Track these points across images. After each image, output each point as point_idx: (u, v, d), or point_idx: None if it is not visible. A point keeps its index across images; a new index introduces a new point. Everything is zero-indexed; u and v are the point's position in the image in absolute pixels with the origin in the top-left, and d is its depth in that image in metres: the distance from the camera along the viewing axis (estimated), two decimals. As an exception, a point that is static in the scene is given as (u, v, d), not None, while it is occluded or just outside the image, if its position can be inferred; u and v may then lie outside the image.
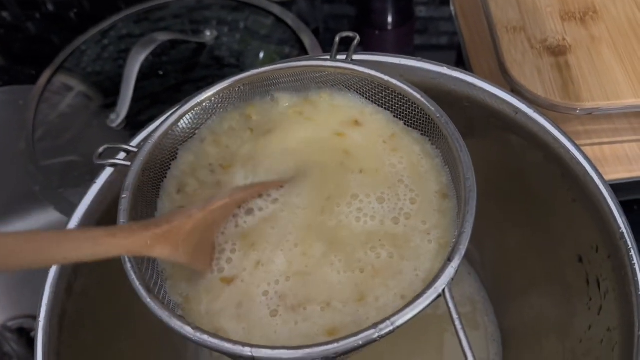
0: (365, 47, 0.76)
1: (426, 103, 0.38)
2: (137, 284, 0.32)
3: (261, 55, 0.69)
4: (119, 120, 0.61)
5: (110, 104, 0.65)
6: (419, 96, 0.38)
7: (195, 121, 0.40)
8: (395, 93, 0.39)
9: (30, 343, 0.58)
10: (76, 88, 0.72)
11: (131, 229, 0.30)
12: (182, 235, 0.32)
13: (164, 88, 0.65)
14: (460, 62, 0.65)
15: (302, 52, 0.66)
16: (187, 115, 0.40)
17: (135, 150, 0.38)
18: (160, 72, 0.67)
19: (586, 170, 0.36)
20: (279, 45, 0.70)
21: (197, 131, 0.41)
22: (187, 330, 0.30)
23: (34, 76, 0.71)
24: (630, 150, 0.48)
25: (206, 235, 0.35)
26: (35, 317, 0.58)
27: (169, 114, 0.39)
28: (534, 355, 0.42)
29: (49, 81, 0.70)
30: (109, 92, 0.68)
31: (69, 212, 0.58)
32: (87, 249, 0.28)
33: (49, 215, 0.63)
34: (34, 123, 0.67)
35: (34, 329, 0.58)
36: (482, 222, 0.33)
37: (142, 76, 0.65)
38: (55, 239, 0.27)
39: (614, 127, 0.48)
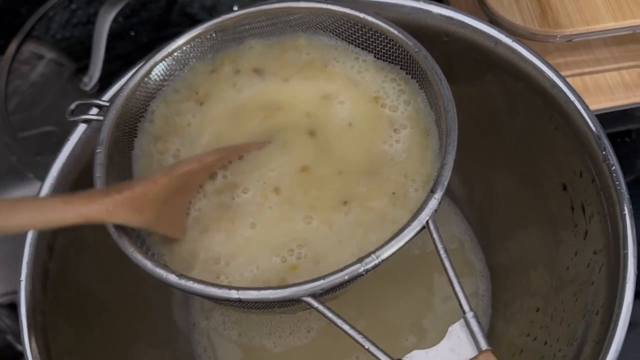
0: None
1: (403, 38, 0.37)
2: (117, 236, 0.32)
3: (235, 8, 0.67)
4: (93, 83, 0.60)
5: (83, 69, 0.64)
6: (395, 32, 0.37)
7: (168, 72, 0.39)
8: (372, 31, 0.38)
9: (23, 318, 0.57)
10: (47, 56, 0.69)
11: (90, 195, 0.29)
12: (147, 201, 0.31)
13: (135, 47, 0.63)
14: None
15: (278, 3, 0.65)
16: (158, 66, 0.39)
17: (107, 104, 0.37)
18: (132, 33, 0.65)
19: (567, 97, 0.35)
20: (253, -3, 0.68)
21: (170, 82, 0.40)
22: (172, 278, 0.30)
23: (2, 46, 0.68)
24: (611, 79, 0.47)
25: (177, 200, 0.34)
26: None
27: (139, 65, 0.38)
28: (522, 287, 0.42)
29: (17, 50, 0.68)
30: (81, 57, 0.66)
31: (43, 178, 0.57)
32: (41, 218, 0.27)
33: (30, 187, 0.62)
34: (5, 94, 0.65)
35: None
36: (465, 160, 0.32)
37: (113, 37, 0.63)
38: (9, 208, 0.26)
39: (594, 57, 0.47)
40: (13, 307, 0.58)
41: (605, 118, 0.50)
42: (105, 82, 0.61)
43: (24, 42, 0.68)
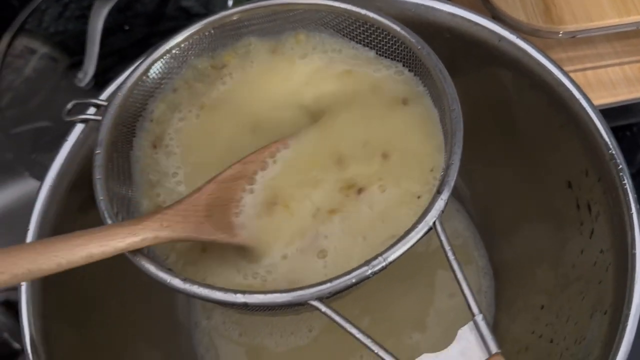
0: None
1: (406, 35, 0.37)
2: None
3: (230, 2, 0.66)
4: (87, 79, 0.59)
5: (77, 64, 0.63)
6: (398, 28, 0.37)
7: (166, 70, 0.39)
8: (374, 27, 0.38)
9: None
10: (40, 50, 0.68)
11: (146, 222, 0.29)
12: (200, 210, 0.31)
13: (130, 43, 0.62)
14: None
15: (274, -4, 0.64)
16: (157, 64, 0.38)
17: (105, 104, 0.36)
18: (126, 27, 0.64)
19: (573, 94, 0.35)
20: (249, -10, 0.67)
21: (168, 81, 0.39)
22: (176, 282, 0.29)
23: (-6, 39, 0.67)
24: (613, 74, 0.47)
25: (224, 204, 0.34)
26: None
27: (137, 63, 0.37)
28: (526, 284, 0.42)
29: (10, 45, 0.67)
30: (74, 51, 0.65)
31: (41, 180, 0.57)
32: (109, 249, 0.28)
33: (25, 184, 0.62)
34: (-1, 90, 0.64)
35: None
36: (468, 157, 0.32)
37: (107, 32, 0.62)
38: (84, 239, 0.27)
39: (596, 52, 0.47)
40: (9, 305, 0.57)
41: (607, 112, 0.49)
42: (100, 78, 0.60)
43: (17, 36, 0.67)
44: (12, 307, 0.57)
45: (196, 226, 0.31)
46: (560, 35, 0.41)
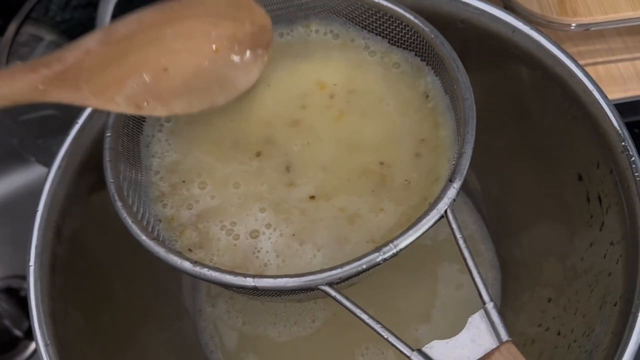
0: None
1: (420, 24, 0.36)
2: (129, 222, 0.31)
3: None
4: (96, 66, 0.58)
5: (84, 52, 0.63)
6: (411, 17, 0.37)
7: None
8: (387, 16, 0.38)
9: (20, 302, 0.57)
10: (46, 38, 0.68)
11: (13, 73, 0.26)
12: (83, 74, 0.28)
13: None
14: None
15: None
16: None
17: (116, 87, 0.36)
18: (134, 16, 0.64)
19: (586, 87, 0.35)
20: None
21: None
22: (186, 265, 0.29)
23: (1, 27, 0.67)
24: (624, 69, 0.47)
25: (137, 62, 0.30)
26: (21, 277, 0.57)
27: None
28: (533, 278, 0.42)
29: (17, 32, 0.67)
30: (82, 40, 0.65)
31: (50, 163, 0.56)
32: None
33: (31, 170, 0.62)
34: (5, 76, 0.64)
35: (22, 288, 0.57)
36: (478, 149, 0.32)
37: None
38: None
39: (607, 47, 0.47)
40: (10, 292, 0.57)
41: (617, 108, 0.49)
42: (108, 65, 0.60)
43: (23, 24, 0.67)
44: (14, 294, 0.57)
45: (73, 92, 0.28)
46: (573, 27, 0.41)
